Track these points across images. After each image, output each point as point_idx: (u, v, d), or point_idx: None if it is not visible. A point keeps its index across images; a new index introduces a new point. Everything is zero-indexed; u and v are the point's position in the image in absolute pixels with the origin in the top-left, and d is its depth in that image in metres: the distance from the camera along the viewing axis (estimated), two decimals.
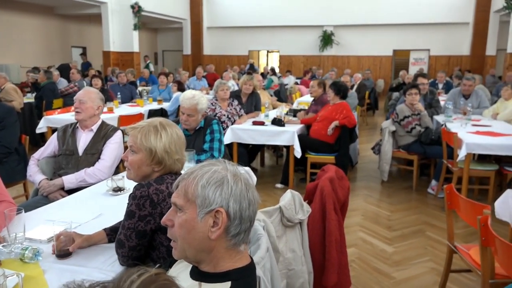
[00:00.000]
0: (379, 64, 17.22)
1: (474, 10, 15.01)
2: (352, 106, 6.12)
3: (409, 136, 4.97)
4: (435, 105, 5.95)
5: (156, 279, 0.69)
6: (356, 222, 4.04)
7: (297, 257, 2.15)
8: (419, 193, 4.90)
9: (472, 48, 15.30)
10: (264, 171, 5.95)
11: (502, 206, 2.59)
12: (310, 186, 2.43)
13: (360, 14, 16.21)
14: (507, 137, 4.38)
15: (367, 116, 10.80)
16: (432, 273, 3.06)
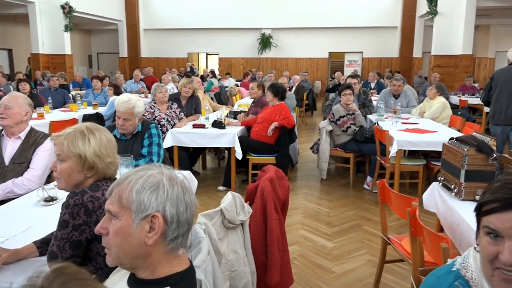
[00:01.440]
0: (316, 66, 17.77)
1: (401, 15, 15.95)
2: (290, 107, 6.26)
3: (345, 135, 5.18)
4: (368, 104, 6.25)
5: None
6: (297, 220, 4.14)
7: (239, 258, 2.16)
8: (356, 189, 5.12)
9: (401, 51, 16.25)
10: (206, 174, 5.92)
11: (429, 198, 2.78)
12: (250, 187, 2.45)
13: (297, 18, 16.64)
14: (432, 134, 4.70)
15: (306, 116, 11.09)
16: (369, 265, 3.21)
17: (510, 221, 0.94)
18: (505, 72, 4.93)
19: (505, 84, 4.84)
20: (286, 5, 16.66)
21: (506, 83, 4.83)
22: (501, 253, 0.95)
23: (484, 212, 1.00)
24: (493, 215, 0.97)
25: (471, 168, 2.35)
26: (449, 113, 6.04)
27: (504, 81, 4.85)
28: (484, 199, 1.01)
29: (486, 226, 0.99)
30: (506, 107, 4.81)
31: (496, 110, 4.92)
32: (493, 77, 5.01)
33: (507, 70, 4.91)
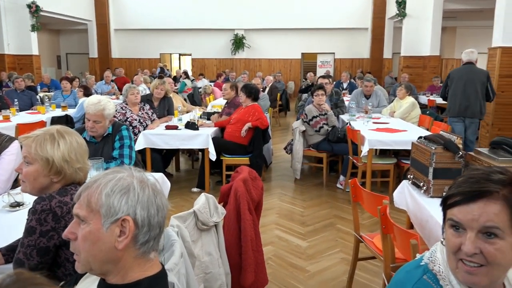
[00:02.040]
0: (289, 66, 17.90)
1: (371, 17, 16.26)
2: (264, 108, 6.28)
3: (318, 135, 5.23)
4: (340, 105, 6.33)
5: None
6: (271, 220, 4.15)
7: (213, 260, 2.15)
8: (329, 188, 5.18)
9: (372, 52, 16.58)
10: (179, 176, 5.86)
11: (400, 195, 2.84)
12: (224, 188, 2.45)
13: (270, 19, 16.73)
14: (402, 133, 4.81)
15: (280, 117, 11.15)
16: (342, 263, 3.25)
17: (471, 213, 0.98)
18: (459, 71, 5.65)
19: (459, 82, 5.50)
20: (258, 6, 16.72)
21: (460, 81, 5.50)
22: (463, 244, 0.98)
23: (449, 205, 1.03)
24: (456, 208, 1.01)
25: (439, 166, 2.42)
26: (418, 112, 6.19)
27: (457, 79, 5.53)
28: (449, 193, 1.04)
29: (450, 219, 1.02)
30: (460, 102, 5.49)
31: (451, 104, 5.61)
32: (449, 75, 5.70)
33: (461, 70, 5.63)
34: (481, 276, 0.98)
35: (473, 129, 5.61)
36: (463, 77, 5.48)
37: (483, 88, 5.43)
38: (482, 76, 5.46)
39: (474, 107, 5.44)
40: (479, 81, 5.42)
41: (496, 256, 0.96)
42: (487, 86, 5.45)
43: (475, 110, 5.44)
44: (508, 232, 0.97)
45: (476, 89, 5.40)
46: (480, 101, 5.44)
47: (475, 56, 5.57)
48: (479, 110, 5.46)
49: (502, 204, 0.97)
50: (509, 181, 0.99)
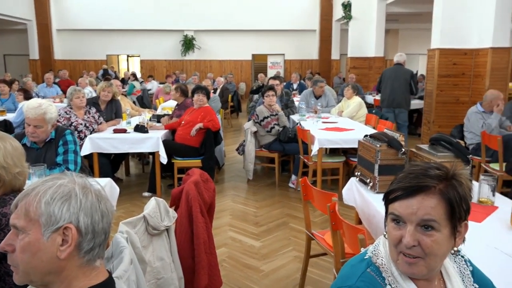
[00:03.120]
0: (240, 67, 17.95)
1: (319, 19, 16.66)
2: (215, 109, 6.25)
3: (269, 136, 5.28)
4: (291, 105, 6.44)
5: None
6: (225, 222, 4.14)
7: (166, 265, 2.11)
8: (281, 188, 5.25)
9: (320, 53, 16.97)
10: (130, 181, 5.71)
11: (348, 192, 2.93)
12: (175, 191, 2.41)
13: (220, 20, 16.69)
14: (350, 132, 4.97)
15: (231, 118, 11.15)
16: (295, 261, 3.30)
17: (410, 207, 1.03)
18: (389, 70, 7.13)
19: (389, 79, 6.91)
20: (208, 7, 16.63)
21: (389, 78, 6.91)
22: (403, 237, 1.03)
23: (390, 200, 1.08)
24: (397, 202, 1.06)
25: (384, 163, 2.52)
26: (365, 111, 6.42)
27: (387, 77, 6.95)
28: (390, 188, 1.10)
29: (392, 213, 1.07)
30: (389, 95, 6.88)
31: (383, 97, 7.05)
32: (382, 73, 7.13)
33: (391, 69, 7.12)
34: (420, 266, 1.04)
35: (402, 117, 6.94)
36: (391, 75, 6.87)
37: (407, 85, 6.76)
38: (406, 75, 6.79)
39: (400, 100, 6.81)
40: (404, 79, 6.75)
41: (433, 247, 1.02)
42: (410, 83, 6.75)
43: (401, 102, 6.83)
44: (444, 225, 1.03)
45: (401, 86, 6.76)
46: (405, 95, 6.81)
47: (402, 59, 6.99)
48: (404, 102, 6.86)
49: (438, 198, 1.03)
50: (445, 176, 1.05)
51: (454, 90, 6.80)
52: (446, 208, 1.03)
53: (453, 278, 1.14)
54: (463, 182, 1.07)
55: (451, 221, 1.04)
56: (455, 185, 1.05)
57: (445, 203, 1.03)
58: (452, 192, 1.04)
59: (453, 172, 1.07)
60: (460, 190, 1.05)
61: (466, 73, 6.74)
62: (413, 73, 6.92)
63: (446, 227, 1.04)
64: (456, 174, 1.07)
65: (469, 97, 6.72)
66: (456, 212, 1.04)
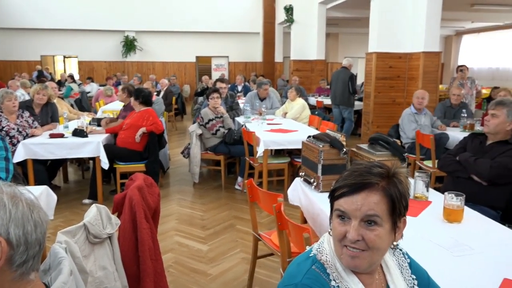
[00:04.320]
0: (184, 69, 17.73)
1: (262, 22, 16.86)
2: (159, 112, 6.13)
3: (214, 138, 5.26)
4: (236, 107, 6.45)
5: None
6: (171, 227, 4.06)
7: (109, 274, 2.03)
8: (228, 190, 5.24)
9: (264, 55, 17.17)
10: (68, 188, 5.44)
11: (293, 192, 2.98)
12: (118, 197, 2.33)
13: (162, 21, 16.38)
14: (294, 133, 5.06)
15: (176, 121, 10.99)
16: (243, 263, 3.31)
17: (355, 203, 1.08)
18: (335, 72, 8.54)
19: (333, 80, 8.24)
20: (150, 8, 16.26)
21: (334, 79, 8.23)
22: (348, 232, 1.08)
23: (336, 197, 1.12)
24: (342, 199, 1.10)
25: (327, 163, 2.59)
26: (308, 113, 6.58)
27: (333, 78, 8.28)
28: (336, 185, 1.14)
29: (337, 209, 1.12)
30: (333, 94, 8.23)
31: (330, 96, 8.49)
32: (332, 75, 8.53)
33: (336, 71, 8.52)
34: (362, 259, 1.09)
35: (345, 113, 8.20)
36: (336, 77, 8.18)
37: (346, 86, 7.84)
38: (346, 77, 7.86)
39: (340, 98, 8.05)
40: (344, 80, 7.86)
41: (376, 241, 1.07)
42: (348, 84, 7.80)
43: (342, 100, 8.05)
44: (386, 220, 1.09)
45: (341, 86, 7.92)
46: (344, 94, 7.96)
47: (348, 62, 8.20)
48: (346, 100, 8.03)
49: (381, 194, 1.08)
50: (386, 174, 1.11)
51: (391, 91, 7.15)
52: (388, 204, 1.08)
53: (393, 271, 1.20)
54: (402, 180, 1.13)
55: (392, 216, 1.10)
56: (396, 183, 1.11)
57: (387, 199, 1.08)
58: (394, 189, 1.09)
59: (394, 171, 1.13)
60: (400, 188, 1.11)
61: (401, 75, 7.11)
62: (352, 75, 7.94)
63: (388, 222, 1.09)
64: (396, 172, 1.13)
65: (404, 98, 7.09)
66: (396, 208, 1.09)
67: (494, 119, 2.82)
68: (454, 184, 2.93)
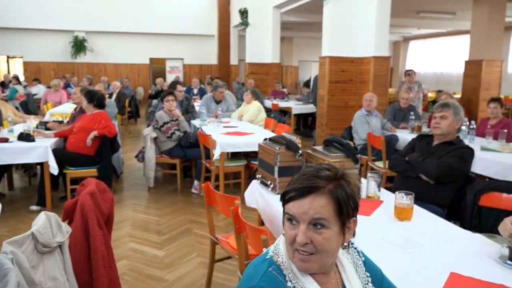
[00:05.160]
0: (137, 71, 17.35)
1: (217, 24, 16.82)
2: (111, 115, 5.96)
3: (170, 141, 5.18)
4: (191, 110, 6.39)
5: None
6: (125, 233, 3.95)
7: (59, 284, 1.95)
8: (184, 194, 5.17)
9: (219, 58, 17.13)
10: (14, 195, 5.16)
11: (250, 195, 2.99)
12: (68, 204, 2.24)
13: (114, 22, 15.95)
14: (251, 136, 5.08)
15: (129, 124, 10.72)
16: (200, 267, 3.28)
17: (303, 207, 1.09)
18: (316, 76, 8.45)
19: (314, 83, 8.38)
20: (101, 7, 15.78)
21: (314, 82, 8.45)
22: (297, 235, 1.09)
23: (286, 200, 1.13)
24: (291, 203, 1.12)
25: (283, 165, 2.63)
26: (264, 116, 6.63)
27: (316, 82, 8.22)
28: (286, 189, 1.15)
29: (287, 213, 1.13)
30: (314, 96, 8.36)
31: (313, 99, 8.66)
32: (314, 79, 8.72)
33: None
34: (313, 262, 1.10)
35: None
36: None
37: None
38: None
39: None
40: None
41: (324, 244, 1.09)
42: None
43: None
44: (333, 222, 1.10)
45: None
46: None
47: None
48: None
49: (327, 197, 1.10)
50: (334, 177, 1.13)
51: (343, 95, 7.36)
52: (334, 206, 1.10)
53: (347, 269, 1.23)
54: (351, 182, 1.14)
55: (340, 218, 1.11)
56: (343, 185, 1.12)
57: (333, 202, 1.10)
58: (340, 191, 1.11)
59: (342, 172, 1.15)
60: (348, 189, 1.12)
61: (353, 79, 7.33)
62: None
63: (336, 224, 1.11)
64: (344, 174, 1.15)
65: (356, 101, 7.32)
66: (344, 210, 1.11)
67: (445, 120, 2.96)
68: (404, 183, 3.05)
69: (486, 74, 8.49)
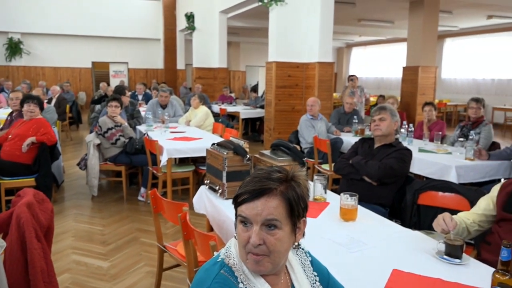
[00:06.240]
0: (78, 76, 16.67)
1: (163, 28, 16.56)
2: (51, 121, 5.68)
3: (114, 148, 5.01)
4: (137, 115, 6.23)
5: None
6: (67, 245, 3.76)
7: None
8: (130, 202, 5.02)
9: (165, 62, 16.87)
10: None
11: (199, 201, 2.96)
12: (2, 216, 2.10)
13: (53, 23, 15.25)
14: (198, 141, 5.03)
15: (71, 130, 10.26)
16: (148, 277, 3.19)
17: (256, 208, 1.11)
18: None
19: None
20: (39, 8, 15.02)
21: None
22: (251, 237, 1.10)
23: (238, 203, 1.14)
24: (244, 205, 1.13)
25: (231, 169, 2.62)
26: (212, 120, 6.60)
27: None
28: (238, 192, 1.16)
29: (240, 215, 1.14)
30: None
31: None
32: None
33: None
34: (265, 263, 1.12)
35: None
36: None
37: None
38: None
39: None
40: None
41: (277, 245, 1.11)
42: None
43: None
44: (285, 223, 1.13)
45: None
46: None
47: None
48: None
49: (279, 199, 1.12)
50: (285, 179, 1.16)
51: (290, 99, 7.50)
52: (286, 207, 1.12)
53: (296, 270, 1.26)
54: (301, 183, 1.18)
55: (291, 219, 1.14)
56: (294, 186, 1.15)
57: (285, 203, 1.12)
58: (291, 192, 1.14)
59: (292, 174, 1.18)
60: (298, 191, 1.16)
61: (299, 84, 7.50)
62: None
63: (287, 225, 1.13)
64: (294, 176, 1.18)
65: (302, 105, 7.48)
66: (295, 211, 1.14)
67: (384, 122, 3.11)
68: (348, 185, 3.15)
69: (422, 79, 9.02)
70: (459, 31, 14.12)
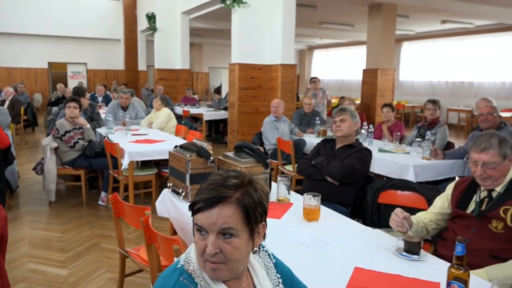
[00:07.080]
0: (34, 77, 16.03)
1: (123, 28, 16.20)
2: (4, 124, 5.43)
3: (73, 151, 4.85)
4: (96, 118, 6.06)
5: None
6: (22, 253, 3.60)
7: None
8: (90, 207, 4.86)
9: (126, 63, 16.52)
10: None
11: (161, 204, 2.91)
12: None
13: (5, 21, 14.57)
14: (161, 143, 4.96)
15: (26, 134, 9.83)
16: (109, 283, 3.10)
17: (211, 218, 1.08)
18: None
19: None
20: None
21: None
22: (207, 246, 1.08)
23: (194, 211, 1.11)
24: (199, 214, 1.10)
25: (194, 172, 2.59)
26: (175, 123, 6.52)
27: None
28: (194, 199, 1.13)
29: (196, 224, 1.11)
30: None
31: None
32: None
33: None
34: (223, 271, 1.10)
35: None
36: None
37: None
38: None
39: None
40: None
41: (233, 253, 1.09)
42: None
43: None
44: (241, 230, 1.10)
45: None
46: None
47: None
48: None
49: (235, 206, 1.09)
50: (241, 184, 1.13)
51: (253, 101, 7.52)
52: (242, 215, 1.10)
53: (259, 273, 1.25)
54: (258, 187, 1.15)
55: (248, 226, 1.11)
56: (251, 192, 1.13)
57: (241, 210, 1.10)
58: (248, 199, 1.11)
59: (249, 179, 1.15)
60: (256, 196, 1.13)
61: (262, 85, 7.54)
62: None
63: (244, 232, 1.11)
64: (251, 181, 1.15)
65: (266, 107, 7.53)
66: (252, 217, 1.11)
67: (345, 123, 3.19)
68: (311, 185, 3.20)
69: (381, 81, 9.29)
70: (415, 35, 14.67)
